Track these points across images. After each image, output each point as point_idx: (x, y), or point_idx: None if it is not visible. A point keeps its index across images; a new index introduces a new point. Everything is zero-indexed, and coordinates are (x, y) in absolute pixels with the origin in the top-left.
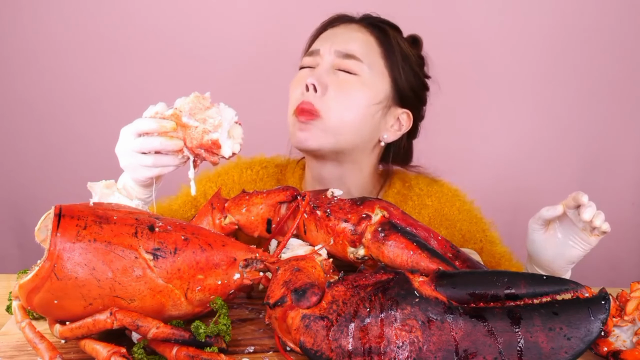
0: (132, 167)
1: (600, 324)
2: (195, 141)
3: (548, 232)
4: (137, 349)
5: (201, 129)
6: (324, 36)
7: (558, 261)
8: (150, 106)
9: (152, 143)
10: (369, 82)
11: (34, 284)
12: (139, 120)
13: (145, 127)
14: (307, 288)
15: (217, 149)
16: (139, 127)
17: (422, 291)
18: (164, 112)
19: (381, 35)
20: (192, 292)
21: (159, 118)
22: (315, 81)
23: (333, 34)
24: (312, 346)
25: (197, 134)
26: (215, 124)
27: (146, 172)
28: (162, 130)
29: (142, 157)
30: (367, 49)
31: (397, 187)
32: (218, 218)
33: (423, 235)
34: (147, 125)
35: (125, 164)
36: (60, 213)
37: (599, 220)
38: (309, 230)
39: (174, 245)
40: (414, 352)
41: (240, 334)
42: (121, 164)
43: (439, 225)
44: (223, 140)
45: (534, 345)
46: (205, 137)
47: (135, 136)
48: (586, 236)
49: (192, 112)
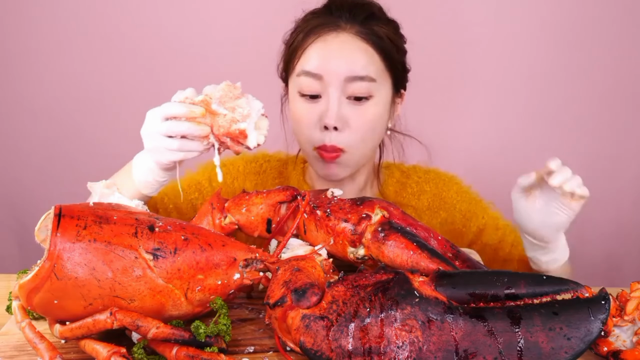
0: (156, 149)
1: (600, 324)
2: (223, 129)
3: (530, 200)
4: (137, 349)
5: (229, 118)
6: (318, 53)
7: (545, 228)
8: (179, 91)
9: (180, 127)
10: (381, 98)
11: (34, 284)
12: (168, 104)
13: (173, 111)
14: (307, 288)
15: (243, 139)
16: (168, 111)
17: (422, 291)
18: (193, 98)
19: (375, 38)
20: (192, 292)
21: (188, 103)
22: (336, 123)
23: (328, 52)
24: (312, 346)
25: (225, 122)
26: (244, 113)
27: (171, 155)
28: (190, 115)
29: (168, 141)
30: (371, 61)
31: (397, 176)
32: (218, 218)
33: (423, 235)
34: (176, 109)
35: (150, 146)
36: (60, 213)
37: (569, 186)
38: (309, 230)
39: (174, 245)
40: (414, 352)
41: (240, 334)
42: (146, 146)
43: (439, 209)
44: (250, 130)
45: (534, 345)
46: (234, 126)
47: (162, 119)
48: (567, 202)
49: (222, 100)
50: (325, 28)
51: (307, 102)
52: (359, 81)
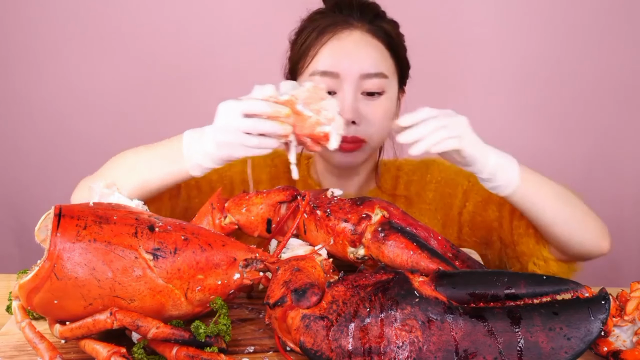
0: (230, 145)
1: (600, 324)
2: (306, 130)
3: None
4: (137, 349)
5: (314, 120)
6: (333, 51)
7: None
8: (257, 86)
9: (263, 126)
10: (391, 92)
11: (34, 284)
12: (251, 101)
13: (258, 109)
14: (307, 288)
15: (325, 141)
16: (251, 108)
17: (422, 291)
18: (278, 97)
19: (384, 35)
20: (192, 292)
21: (273, 102)
22: (354, 117)
23: (343, 50)
24: (312, 346)
25: (310, 124)
26: (328, 117)
27: (245, 151)
28: (276, 115)
29: (247, 138)
30: (383, 58)
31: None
32: (218, 218)
33: (423, 235)
34: (261, 107)
35: (224, 140)
36: (60, 213)
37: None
38: (309, 230)
39: (174, 245)
40: (414, 352)
41: (240, 334)
42: (216, 139)
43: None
44: (333, 133)
45: (534, 345)
46: (318, 128)
47: (242, 115)
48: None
49: (307, 101)
50: (337, 26)
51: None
52: (373, 78)
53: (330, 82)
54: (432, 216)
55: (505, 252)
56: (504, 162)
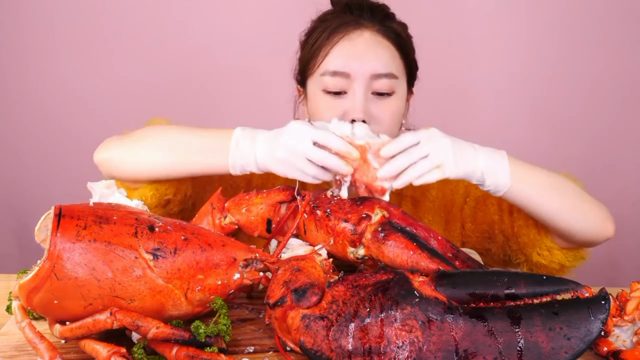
0: (288, 165)
1: (600, 324)
2: (366, 178)
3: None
4: (137, 349)
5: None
6: (345, 51)
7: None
8: (335, 120)
9: (330, 160)
10: (401, 93)
11: (34, 284)
12: (327, 133)
13: (332, 144)
14: (307, 288)
15: (380, 194)
16: (325, 140)
17: (422, 291)
18: (354, 140)
19: (395, 36)
20: (192, 292)
21: (348, 142)
22: (364, 116)
23: (354, 50)
24: (312, 346)
25: (373, 174)
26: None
27: (301, 176)
28: (346, 155)
29: (308, 165)
30: (393, 58)
31: None
32: (218, 218)
33: (423, 235)
34: (336, 143)
35: (284, 158)
36: (60, 213)
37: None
38: (309, 230)
39: (174, 245)
40: (414, 352)
41: (240, 334)
42: (276, 154)
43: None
44: (389, 189)
45: (534, 345)
46: (379, 182)
47: (311, 141)
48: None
49: (377, 153)
50: (349, 27)
51: (331, 98)
52: (383, 78)
53: (341, 82)
54: (436, 213)
55: (509, 245)
56: (493, 164)
